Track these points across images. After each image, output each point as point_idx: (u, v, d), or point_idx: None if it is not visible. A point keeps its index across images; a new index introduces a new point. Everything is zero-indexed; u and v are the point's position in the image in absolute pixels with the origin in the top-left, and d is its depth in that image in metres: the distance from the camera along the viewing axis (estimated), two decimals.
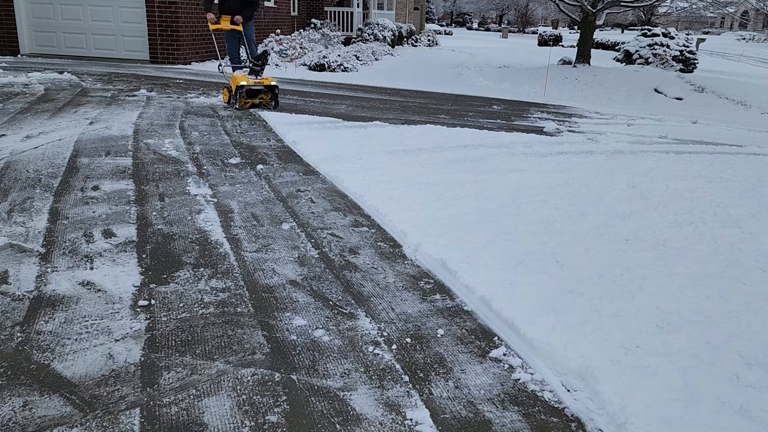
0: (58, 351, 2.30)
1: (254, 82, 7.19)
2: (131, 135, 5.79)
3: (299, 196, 4.30)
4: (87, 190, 4.17)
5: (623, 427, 2.01)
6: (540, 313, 2.70)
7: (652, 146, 6.68)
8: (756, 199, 4.72)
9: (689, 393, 2.20)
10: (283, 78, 11.25)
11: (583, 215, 4.08)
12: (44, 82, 8.58)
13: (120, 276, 2.93)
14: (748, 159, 6.30)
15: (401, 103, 8.84)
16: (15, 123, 5.98)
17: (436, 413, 2.07)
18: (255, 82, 7.20)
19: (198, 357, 2.32)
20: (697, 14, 26.19)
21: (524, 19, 55.71)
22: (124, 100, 7.60)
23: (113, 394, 2.07)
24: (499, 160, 5.51)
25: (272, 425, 1.97)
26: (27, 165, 4.63)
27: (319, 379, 2.22)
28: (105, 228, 3.52)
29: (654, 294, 2.97)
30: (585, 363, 2.31)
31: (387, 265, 3.24)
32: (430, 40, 24.62)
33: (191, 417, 1.99)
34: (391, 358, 2.39)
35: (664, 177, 5.20)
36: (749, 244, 3.74)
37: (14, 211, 3.70)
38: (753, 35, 51.86)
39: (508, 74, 14.22)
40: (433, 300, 2.88)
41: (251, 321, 2.60)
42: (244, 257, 3.23)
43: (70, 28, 12.06)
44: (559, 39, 31.44)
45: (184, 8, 11.61)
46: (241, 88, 7.12)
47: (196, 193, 4.21)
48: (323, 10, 19.41)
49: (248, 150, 5.53)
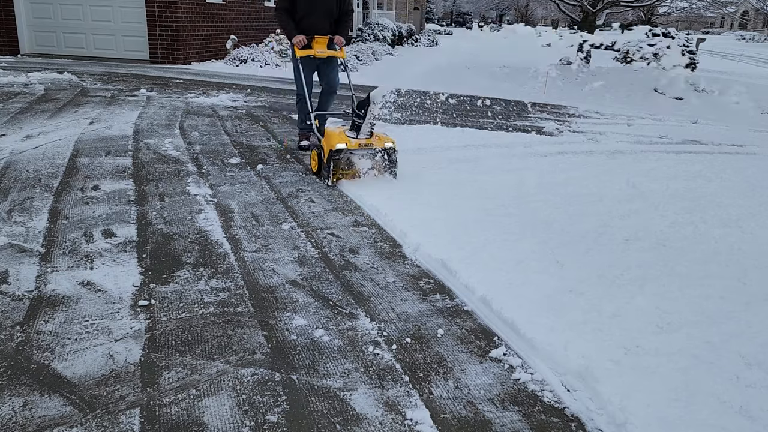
0: (58, 351, 2.30)
1: (359, 144, 4.44)
2: (131, 135, 5.79)
3: (299, 196, 4.30)
4: (87, 189, 4.17)
5: (623, 427, 2.01)
6: (540, 313, 2.70)
7: (652, 146, 6.68)
8: (756, 199, 4.72)
9: (689, 393, 2.20)
10: (283, 78, 11.25)
11: (583, 215, 4.08)
12: (44, 82, 8.58)
13: (120, 276, 2.93)
14: (748, 159, 6.30)
15: (402, 103, 8.83)
16: (15, 123, 5.98)
17: (436, 413, 2.07)
18: (361, 144, 4.44)
19: (198, 357, 2.32)
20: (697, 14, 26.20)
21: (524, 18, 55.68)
22: (124, 100, 7.60)
23: (113, 394, 2.07)
24: (499, 160, 5.51)
25: (272, 425, 1.97)
26: (27, 165, 4.63)
27: (319, 379, 2.22)
28: (105, 228, 3.52)
29: (654, 294, 2.97)
30: (585, 363, 2.31)
31: (387, 265, 3.24)
32: (431, 40, 24.62)
33: (191, 417, 1.99)
34: (391, 357, 2.39)
35: (664, 177, 5.20)
36: (749, 244, 3.74)
37: (14, 210, 3.70)
38: (753, 35, 51.86)
39: (508, 74, 14.21)
40: (433, 300, 2.88)
41: (251, 321, 2.60)
42: (244, 257, 3.23)
43: (70, 28, 12.06)
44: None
45: (184, 8, 11.61)
46: (338, 153, 4.44)
47: (196, 193, 4.21)
48: None
49: (248, 150, 5.53)
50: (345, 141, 4.39)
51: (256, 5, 15.25)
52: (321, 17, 5.22)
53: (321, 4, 5.19)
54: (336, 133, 4.50)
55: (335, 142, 4.40)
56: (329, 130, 4.62)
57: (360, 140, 4.42)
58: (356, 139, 4.42)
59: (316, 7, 5.18)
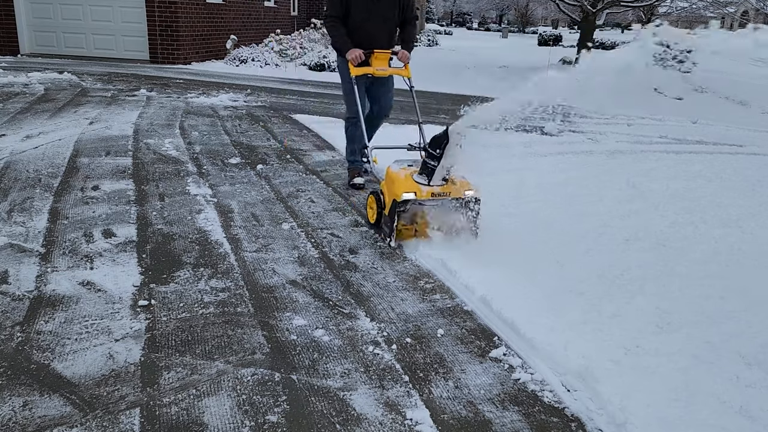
0: (58, 351, 2.30)
1: (433, 193, 3.37)
2: (131, 135, 5.79)
3: (299, 196, 4.30)
4: (87, 189, 4.17)
5: (623, 427, 2.01)
6: (540, 313, 2.70)
7: (652, 146, 6.68)
8: (756, 199, 4.72)
9: (689, 393, 2.20)
10: (283, 78, 11.26)
11: (583, 215, 4.07)
12: (44, 82, 8.58)
13: (120, 276, 2.93)
14: (747, 159, 6.30)
15: (401, 103, 8.83)
16: (15, 123, 5.98)
17: (436, 413, 2.07)
18: (434, 194, 3.37)
19: (198, 357, 2.32)
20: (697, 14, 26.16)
21: (524, 18, 55.68)
22: (124, 100, 7.60)
23: (113, 394, 2.07)
24: (499, 161, 5.51)
25: (272, 425, 1.97)
26: (27, 165, 4.63)
27: (319, 379, 2.22)
28: (105, 228, 3.52)
29: (654, 294, 2.97)
30: (585, 363, 2.31)
31: (387, 265, 3.24)
32: (430, 40, 24.62)
33: (191, 417, 1.99)
34: (391, 357, 2.39)
35: (664, 177, 5.20)
36: (749, 244, 3.74)
37: (14, 210, 3.70)
38: None
39: (508, 74, 14.21)
40: (433, 300, 2.88)
41: (251, 321, 2.60)
42: (244, 257, 3.23)
43: (70, 28, 12.06)
44: (559, 39, 31.42)
45: (184, 8, 11.61)
46: (405, 205, 3.39)
47: (196, 193, 4.21)
48: (323, 9, 19.41)
49: (248, 150, 5.53)
50: (414, 189, 3.32)
51: (256, 5, 15.25)
52: (380, 26, 4.33)
53: (380, 11, 4.30)
54: (401, 177, 3.42)
55: (401, 190, 3.32)
56: (393, 173, 3.50)
57: (433, 188, 3.36)
58: (428, 186, 3.36)
59: (375, 13, 4.29)
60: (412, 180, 3.40)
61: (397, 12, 4.39)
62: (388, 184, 3.54)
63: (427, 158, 3.39)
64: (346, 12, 4.27)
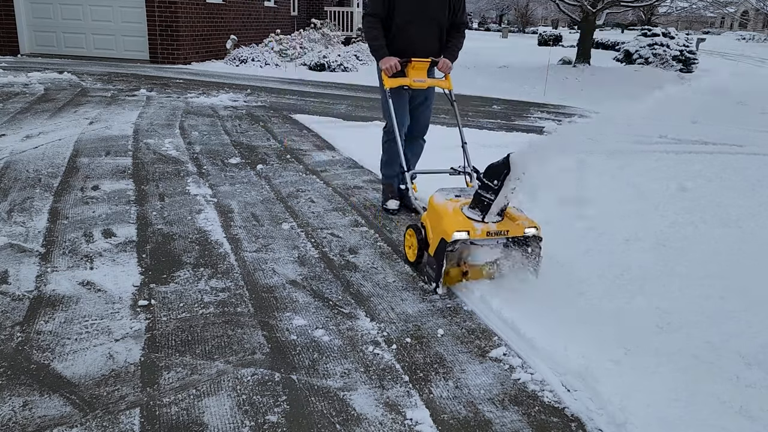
0: (58, 351, 2.30)
1: (489, 231, 2.84)
2: (131, 135, 5.79)
3: (299, 196, 4.30)
4: (87, 189, 4.17)
5: (623, 427, 2.01)
6: (540, 312, 2.69)
7: (652, 146, 6.67)
8: (756, 199, 4.72)
9: (689, 393, 2.20)
10: (283, 78, 11.26)
11: (583, 215, 4.07)
12: (44, 81, 8.58)
13: (120, 276, 2.93)
14: (747, 159, 6.30)
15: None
16: (15, 123, 5.98)
17: (436, 413, 2.07)
18: (490, 231, 2.84)
19: (198, 357, 2.32)
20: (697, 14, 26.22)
21: (524, 19, 55.71)
22: (124, 100, 7.60)
23: (113, 394, 2.07)
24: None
25: (272, 425, 1.97)
26: (27, 165, 4.63)
27: (319, 379, 2.22)
28: (105, 228, 3.52)
29: (654, 294, 2.97)
30: (585, 363, 2.31)
31: (387, 265, 3.24)
32: None
33: (191, 417, 1.99)
34: (391, 357, 2.39)
35: (664, 177, 5.20)
36: (749, 244, 3.74)
37: (14, 210, 3.70)
38: (753, 35, 51.84)
39: (508, 74, 14.22)
40: (432, 300, 2.88)
41: (251, 321, 2.60)
42: (244, 257, 3.23)
43: (70, 28, 12.07)
44: (559, 39, 31.43)
45: (184, 8, 11.61)
46: (455, 245, 2.84)
47: (196, 193, 4.21)
48: (323, 9, 19.42)
49: (248, 150, 5.53)
50: (467, 227, 2.80)
51: (256, 5, 15.25)
52: (426, 29, 3.75)
53: (428, 11, 3.71)
54: (450, 211, 2.90)
55: (451, 228, 2.79)
56: (439, 206, 2.99)
57: (489, 225, 2.84)
58: (482, 222, 2.84)
59: (422, 14, 3.71)
60: (462, 215, 2.87)
61: (448, 13, 3.79)
62: (432, 218, 3.01)
63: (480, 189, 2.84)
64: (389, 11, 3.71)
